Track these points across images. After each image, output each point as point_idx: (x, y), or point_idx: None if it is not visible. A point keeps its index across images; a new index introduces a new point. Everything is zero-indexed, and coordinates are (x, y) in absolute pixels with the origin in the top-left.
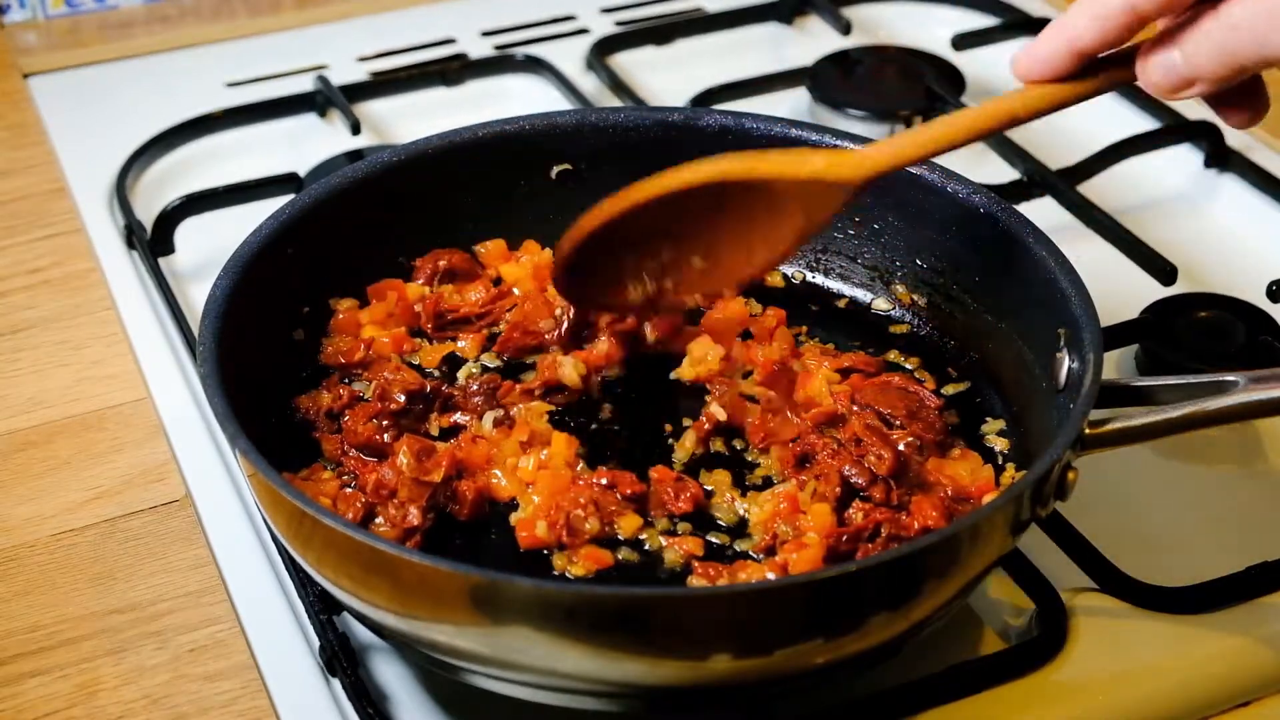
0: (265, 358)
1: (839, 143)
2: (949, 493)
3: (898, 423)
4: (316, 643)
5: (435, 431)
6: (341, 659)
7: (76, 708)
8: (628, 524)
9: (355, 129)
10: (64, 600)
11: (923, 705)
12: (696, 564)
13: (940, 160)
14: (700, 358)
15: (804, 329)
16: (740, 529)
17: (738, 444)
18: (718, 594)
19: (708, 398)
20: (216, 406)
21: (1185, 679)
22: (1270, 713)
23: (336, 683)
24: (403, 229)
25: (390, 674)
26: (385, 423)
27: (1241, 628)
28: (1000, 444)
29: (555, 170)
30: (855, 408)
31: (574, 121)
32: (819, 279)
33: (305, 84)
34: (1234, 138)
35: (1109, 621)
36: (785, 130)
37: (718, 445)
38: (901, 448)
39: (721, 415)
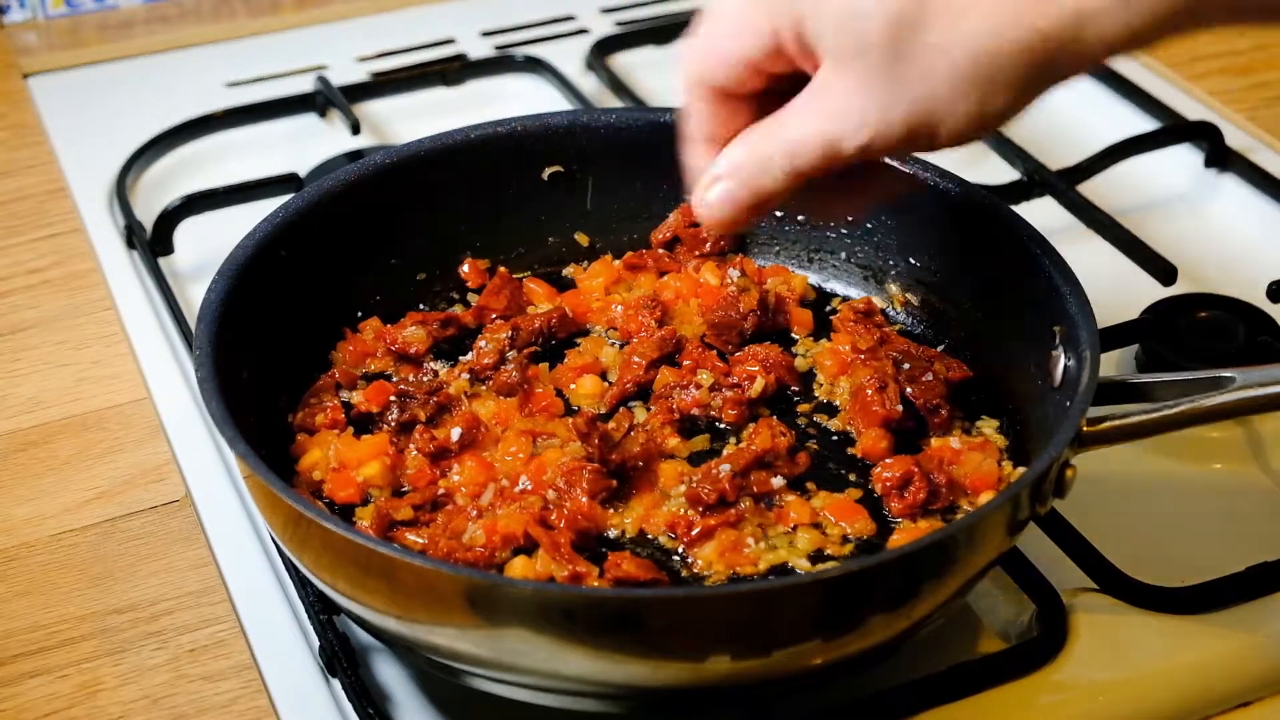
0: (261, 360)
1: None
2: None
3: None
4: (316, 643)
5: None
6: (341, 659)
7: (76, 708)
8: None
9: (355, 129)
10: (64, 600)
11: (923, 705)
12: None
13: (936, 159)
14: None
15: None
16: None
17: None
18: (715, 595)
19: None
20: (214, 411)
21: (1185, 679)
22: (1270, 713)
23: (336, 683)
24: (395, 231)
25: (390, 674)
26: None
27: (1241, 628)
28: (998, 442)
29: (547, 172)
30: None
31: (565, 123)
32: (812, 278)
33: (305, 84)
34: (1234, 138)
35: (1109, 621)
36: None
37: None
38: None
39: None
